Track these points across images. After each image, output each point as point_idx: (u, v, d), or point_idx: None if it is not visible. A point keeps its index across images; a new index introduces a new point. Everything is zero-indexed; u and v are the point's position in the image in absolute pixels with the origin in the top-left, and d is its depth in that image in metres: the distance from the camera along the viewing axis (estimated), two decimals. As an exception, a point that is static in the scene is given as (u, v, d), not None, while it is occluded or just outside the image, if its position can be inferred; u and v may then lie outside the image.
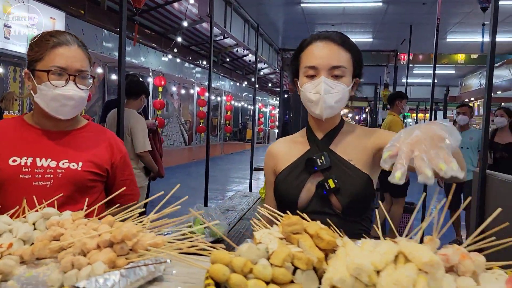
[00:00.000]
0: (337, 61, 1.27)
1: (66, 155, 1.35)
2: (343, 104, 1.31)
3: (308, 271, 0.74)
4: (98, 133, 1.49)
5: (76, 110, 1.36)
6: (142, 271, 0.74)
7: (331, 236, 0.79)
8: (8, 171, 1.29)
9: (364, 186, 1.28)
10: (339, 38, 1.31)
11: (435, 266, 0.66)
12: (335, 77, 1.27)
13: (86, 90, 1.36)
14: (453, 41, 10.56)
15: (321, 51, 1.29)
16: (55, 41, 1.32)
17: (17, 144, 1.35)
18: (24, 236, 0.90)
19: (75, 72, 1.32)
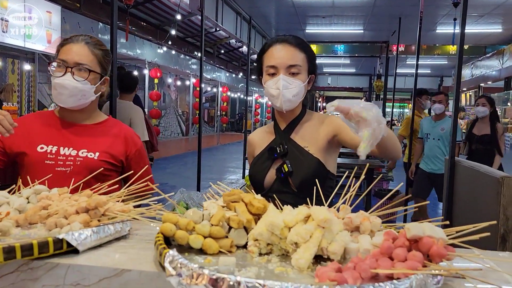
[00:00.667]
0: (293, 61, 1.48)
1: (85, 145, 1.54)
2: (300, 97, 1.52)
3: (239, 229, 0.96)
4: (116, 127, 1.66)
5: (73, 99, 1.49)
6: (110, 230, 0.96)
7: (261, 204, 1.01)
8: (36, 156, 1.49)
9: (314, 169, 1.49)
10: (295, 41, 1.53)
11: (328, 222, 0.87)
12: (292, 74, 1.48)
13: (84, 82, 1.49)
14: (443, 32, 10.70)
15: (280, 52, 1.50)
16: (66, 41, 1.52)
17: (46, 134, 1.55)
18: (19, 207, 1.11)
19: (73, 64, 1.48)
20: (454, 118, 3.41)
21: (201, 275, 0.69)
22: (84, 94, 1.51)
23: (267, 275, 0.78)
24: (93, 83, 1.53)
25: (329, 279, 0.66)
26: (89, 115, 1.62)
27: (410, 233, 0.78)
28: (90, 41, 1.54)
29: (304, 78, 1.51)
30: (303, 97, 1.55)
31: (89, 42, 1.54)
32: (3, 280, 0.82)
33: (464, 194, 3.25)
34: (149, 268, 0.82)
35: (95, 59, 1.54)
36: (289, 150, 1.54)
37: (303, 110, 1.62)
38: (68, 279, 0.82)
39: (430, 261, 0.76)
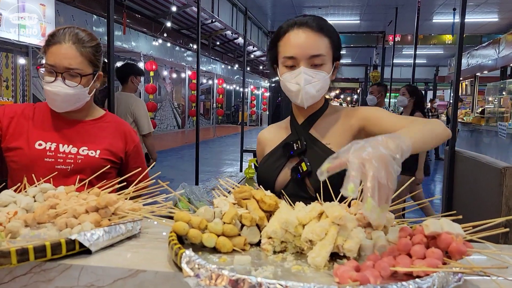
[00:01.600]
0: (316, 50, 1.25)
1: (85, 143, 1.51)
2: (324, 91, 1.32)
3: (252, 227, 0.95)
4: (114, 123, 1.63)
5: (66, 104, 1.46)
6: (122, 229, 0.94)
7: (273, 201, 1.00)
8: (34, 153, 1.45)
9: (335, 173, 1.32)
10: (317, 24, 1.27)
11: (343, 219, 0.86)
12: (315, 66, 1.26)
13: (78, 87, 1.43)
14: (439, 21, 10.68)
15: (299, 40, 1.26)
16: (51, 40, 1.42)
17: (43, 130, 1.51)
18: (26, 206, 1.10)
19: (63, 69, 1.41)
20: (454, 108, 3.41)
21: (220, 276, 0.68)
22: (78, 97, 1.47)
23: (284, 274, 0.77)
24: (87, 85, 1.48)
25: (350, 279, 0.65)
26: (86, 112, 1.59)
27: (428, 230, 0.77)
28: (78, 40, 1.44)
29: (329, 68, 1.28)
30: (327, 89, 1.33)
31: (76, 41, 1.44)
32: (16, 282, 0.81)
33: (464, 185, 3.26)
34: (164, 268, 0.81)
35: (85, 60, 1.45)
36: (307, 147, 1.33)
37: (325, 103, 1.41)
38: (82, 280, 0.81)
39: (449, 258, 0.75)
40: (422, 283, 0.65)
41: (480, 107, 12.67)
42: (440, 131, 1.10)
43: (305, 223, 0.90)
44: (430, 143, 1.07)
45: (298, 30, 1.27)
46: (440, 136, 1.10)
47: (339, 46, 1.35)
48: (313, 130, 1.38)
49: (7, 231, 0.91)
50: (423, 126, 1.10)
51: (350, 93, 31.53)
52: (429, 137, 1.06)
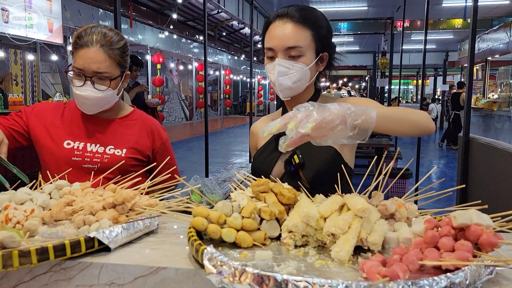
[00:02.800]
0: (293, 41, 1.25)
1: (112, 141, 1.51)
2: (305, 82, 1.31)
3: (272, 221, 0.93)
4: (141, 120, 1.61)
5: (96, 108, 1.46)
6: (140, 225, 0.93)
7: (291, 193, 0.98)
8: (63, 153, 1.46)
9: (330, 160, 1.29)
10: (299, 15, 1.27)
11: (366, 212, 0.84)
12: (292, 57, 1.26)
13: (106, 90, 1.42)
14: (449, 6, 10.49)
15: (278, 31, 1.27)
16: (79, 43, 1.40)
17: (71, 129, 1.51)
18: (42, 204, 1.09)
19: (92, 74, 1.39)
20: (468, 93, 3.34)
21: (244, 273, 0.66)
22: (108, 100, 1.47)
23: (308, 270, 0.75)
24: (115, 87, 1.47)
25: (379, 274, 0.63)
26: (114, 111, 1.58)
27: (457, 221, 0.75)
28: (105, 42, 1.41)
29: (308, 60, 1.28)
30: (311, 81, 1.33)
31: (104, 43, 1.41)
32: (36, 281, 0.80)
33: (479, 172, 3.21)
34: (185, 265, 0.79)
35: (114, 62, 1.43)
36: None
37: (316, 94, 1.41)
38: (102, 278, 0.80)
39: (479, 250, 0.73)
40: (455, 278, 0.63)
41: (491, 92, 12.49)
42: (419, 119, 1.11)
43: (326, 216, 0.88)
44: (401, 126, 1.08)
45: (279, 22, 1.28)
46: (416, 124, 1.11)
47: (327, 37, 1.33)
48: None
49: (25, 229, 0.90)
50: (401, 110, 1.11)
51: (358, 80, 31.27)
52: (402, 119, 1.08)
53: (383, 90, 11.57)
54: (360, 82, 30.84)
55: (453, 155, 10.08)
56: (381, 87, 11.44)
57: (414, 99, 24.05)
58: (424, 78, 5.41)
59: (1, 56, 7.61)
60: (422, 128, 1.12)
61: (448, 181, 6.38)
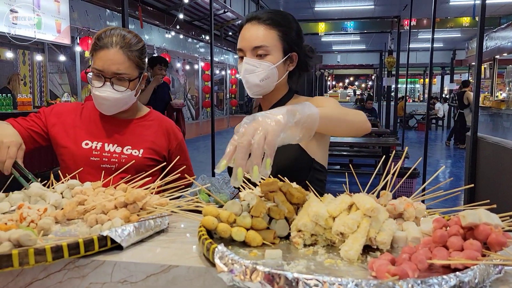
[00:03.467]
0: (259, 41, 1.31)
1: (130, 142, 1.53)
2: (274, 81, 1.35)
3: (281, 220, 0.94)
4: (158, 121, 1.63)
5: (115, 108, 1.48)
6: (151, 224, 0.95)
7: (300, 193, 0.99)
8: (81, 153, 1.48)
9: (294, 158, 1.33)
10: (267, 17, 1.34)
11: (375, 211, 0.85)
12: (259, 56, 1.32)
13: (125, 91, 1.44)
14: (456, 4, 10.42)
15: (247, 33, 1.34)
16: (99, 44, 1.42)
17: (90, 129, 1.53)
18: (55, 203, 1.11)
19: (111, 75, 1.41)
20: (476, 91, 3.32)
21: (255, 271, 0.67)
22: (126, 101, 1.49)
23: (317, 268, 0.76)
24: (134, 88, 1.48)
25: (388, 273, 0.64)
26: (132, 112, 1.60)
27: (465, 221, 0.75)
28: (125, 44, 1.43)
29: (275, 59, 1.33)
30: (280, 80, 1.37)
31: (124, 45, 1.43)
32: (50, 279, 0.82)
33: (487, 172, 3.19)
34: (196, 263, 0.80)
35: (133, 64, 1.45)
36: None
37: (288, 94, 1.45)
38: (115, 276, 0.82)
39: (488, 249, 0.73)
40: (463, 277, 0.63)
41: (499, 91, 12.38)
42: (355, 119, 1.16)
43: (335, 216, 0.88)
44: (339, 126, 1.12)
45: (248, 24, 1.36)
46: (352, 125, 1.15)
47: (295, 39, 1.38)
48: None
49: (39, 228, 0.92)
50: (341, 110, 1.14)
51: (365, 79, 31.17)
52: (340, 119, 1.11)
53: (389, 89, 11.52)
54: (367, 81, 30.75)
55: (460, 154, 10.02)
56: (388, 86, 11.40)
57: (421, 98, 23.92)
58: (431, 77, 5.37)
59: (10, 56, 7.68)
60: (358, 128, 1.18)
61: (456, 180, 6.35)
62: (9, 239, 0.78)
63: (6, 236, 0.78)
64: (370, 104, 10.54)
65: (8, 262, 0.73)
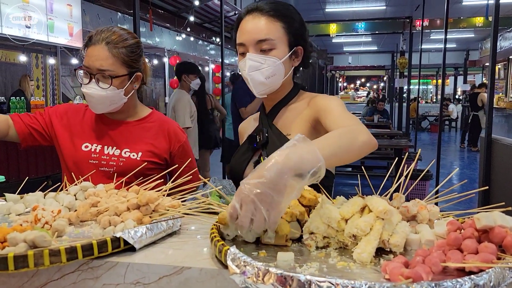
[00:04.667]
0: (263, 34, 1.22)
1: (128, 144, 1.52)
2: (280, 78, 1.27)
3: (293, 222, 0.94)
4: (159, 123, 1.59)
5: (101, 106, 1.45)
6: (163, 226, 0.95)
7: (312, 195, 0.98)
8: (81, 155, 1.49)
9: None
10: (269, 8, 1.25)
11: (388, 213, 0.84)
12: (264, 51, 1.23)
13: (110, 89, 1.41)
14: (470, 4, 10.31)
15: (248, 26, 1.24)
16: (88, 42, 1.43)
17: (91, 131, 1.53)
18: (68, 205, 1.13)
19: (96, 71, 1.40)
20: (490, 92, 3.28)
21: (267, 274, 0.67)
22: (113, 99, 1.45)
23: (330, 271, 0.76)
24: (120, 87, 1.45)
25: (402, 276, 0.63)
26: (129, 113, 1.58)
27: (480, 223, 0.74)
28: (111, 40, 1.42)
29: (281, 53, 1.24)
30: (286, 76, 1.28)
31: (110, 41, 1.41)
32: (65, 280, 0.83)
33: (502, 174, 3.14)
34: (208, 265, 0.81)
35: (118, 61, 1.42)
36: (269, 138, 1.29)
37: (293, 91, 1.36)
38: (128, 277, 0.82)
39: (503, 252, 0.72)
40: (479, 280, 0.62)
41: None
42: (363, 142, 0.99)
43: (347, 218, 0.88)
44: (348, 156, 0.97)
45: (249, 16, 1.25)
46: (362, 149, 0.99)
47: (300, 31, 1.29)
48: (276, 120, 1.34)
49: (54, 229, 0.93)
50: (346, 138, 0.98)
51: (376, 81, 30.97)
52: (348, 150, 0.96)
53: (402, 90, 11.43)
54: (378, 82, 30.54)
55: (473, 156, 9.89)
56: (400, 87, 11.31)
57: (434, 99, 23.68)
58: (444, 77, 5.32)
59: (24, 60, 7.80)
60: (368, 150, 1.02)
61: (469, 183, 6.27)
62: (25, 240, 0.79)
63: (21, 237, 0.79)
64: (382, 106, 10.47)
65: (24, 262, 0.74)
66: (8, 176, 2.50)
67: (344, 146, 0.95)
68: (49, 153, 4.77)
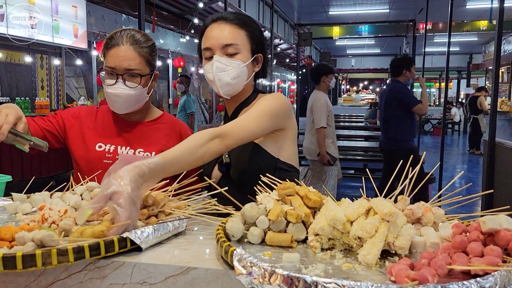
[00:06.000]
0: (229, 39, 1.31)
1: (142, 144, 1.54)
2: (243, 80, 1.35)
3: (298, 223, 0.94)
4: (170, 124, 1.63)
5: (127, 106, 1.49)
6: (169, 227, 0.96)
7: (317, 197, 0.99)
8: (95, 156, 1.51)
9: (256, 158, 1.32)
10: (234, 17, 1.35)
11: (393, 216, 0.85)
12: (229, 55, 1.32)
13: (138, 87, 1.46)
14: (473, 7, 10.30)
15: (214, 32, 1.33)
16: (110, 43, 1.46)
17: (104, 131, 1.55)
18: (75, 204, 1.13)
19: (123, 71, 1.44)
20: (494, 96, 3.28)
21: (274, 275, 0.67)
22: (139, 98, 1.50)
23: (335, 273, 0.76)
24: (145, 85, 1.50)
25: (408, 278, 0.64)
26: (144, 114, 1.61)
27: (486, 226, 0.74)
28: (135, 41, 1.47)
29: (245, 58, 1.34)
30: (248, 80, 1.37)
31: (134, 42, 1.47)
32: (71, 279, 0.84)
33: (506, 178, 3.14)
34: (214, 265, 0.81)
35: (143, 60, 1.48)
36: None
37: (253, 94, 1.44)
38: (135, 277, 0.83)
39: (509, 255, 0.73)
40: (484, 283, 0.63)
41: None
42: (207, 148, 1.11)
43: (353, 220, 0.88)
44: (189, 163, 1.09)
45: (215, 24, 1.35)
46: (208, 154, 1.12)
47: (260, 40, 1.40)
48: None
49: (60, 229, 0.94)
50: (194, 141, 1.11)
51: (379, 83, 30.94)
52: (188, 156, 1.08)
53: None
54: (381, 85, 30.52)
55: (476, 160, 9.87)
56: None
57: (437, 102, 23.63)
58: (447, 81, 5.31)
59: (29, 61, 7.84)
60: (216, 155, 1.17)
61: (472, 186, 6.25)
62: (33, 240, 0.79)
63: (29, 237, 0.80)
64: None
65: (32, 262, 0.75)
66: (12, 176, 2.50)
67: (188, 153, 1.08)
68: (52, 154, 4.79)
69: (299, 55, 11.57)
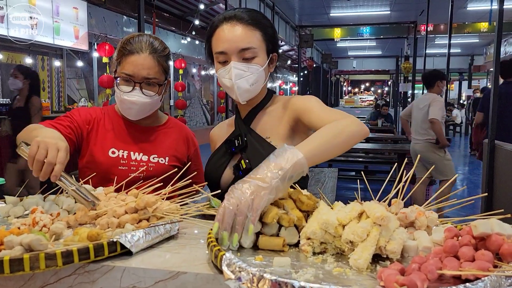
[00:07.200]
0: (246, 43, 1.24)
1: (155, 150, 1.53)
2: (261, 84, 1.31)
3: (290, 227, 0.94)
4: (177, 128, 1.64)
5: (142, 113, 1.48)
6: (161, 230, 0.95)
7: (310, 200, 0.98)
8: (109, 162, 1.46)
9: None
10: (247, 16, 1.27)
11: (385, 220, 0.84)
12: (246, 59, 1.25)
13: (154, 96, 1.45)
14: (474, 9, 10.29)
15: (228, 34, 1.24)
16: (128, 49, 1.43)
17: (115, 136, 1.52)
18: (68, 207, 1.13)
19: (141, 79, 1.41)
20: (494, 97, 3.26)
21: (262, 280, 0.67)
22: (152, 106, 1.49)
23: (326, 277, 0.75)
24: (161, 93, 1.49)
25: (397, 283, 0.63)
26: (153, 119, 1.60)
27: (477, 231, 0.74)
28: (154, 49, 1.45)
29: (262, 61, 1.28)
30: (265, 83, 1.33)
31: (153, 51, 1.44)
32: (61, 283, 0.83)
33: (506, 181, 3.13)
34: (204, 270, 0.81)
35: (161, 69, 1.46)
36: (248, 142, 1.31)
37: (268, 96, 1.40)
38: (124, 282, 0.82)
39: (500, 260, 0.72)
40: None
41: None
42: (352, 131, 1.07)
43: (345, 224, 0.88)
44: (336, 149, 1.04)
45: (227, 24, 1.26)
46: (351, 139, 1.07)
47: (274, 38, 1.34)
48: (254, 124, 1.36)
49: (51, 232, 0.93)
50: (331, 131, 1.06)
51: (381, 85, 30.93)
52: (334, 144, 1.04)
53: (406, 95, 11.41)
54: (383, 87, 30.50)
55: (477, 162, 9.83)
56: (404, 91, 11.29)
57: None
58: (449, 82, 5.30)
59: (30, 62, 7.85)
60: (356, 140, 1.10)
61: (474, 188, 6.24)
62: (21, 244, 0.79)
63: (18, 241, 0.79)
64: (386, 110, 10.46)
65: (20, 266, 0.75)
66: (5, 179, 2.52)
67: (331, 139, 1.03)
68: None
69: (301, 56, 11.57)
